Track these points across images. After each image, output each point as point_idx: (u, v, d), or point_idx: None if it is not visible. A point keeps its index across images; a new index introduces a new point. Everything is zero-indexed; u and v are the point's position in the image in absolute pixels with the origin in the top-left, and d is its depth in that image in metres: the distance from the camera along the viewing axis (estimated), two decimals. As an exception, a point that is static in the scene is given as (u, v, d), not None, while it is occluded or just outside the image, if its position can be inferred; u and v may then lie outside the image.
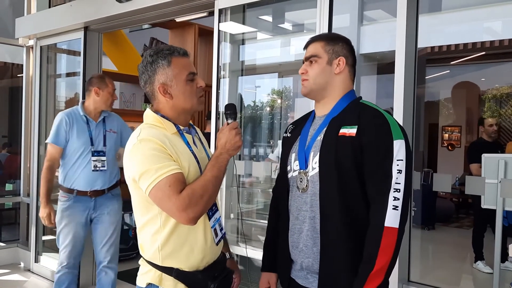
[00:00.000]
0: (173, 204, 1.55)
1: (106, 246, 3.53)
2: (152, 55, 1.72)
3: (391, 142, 1.57)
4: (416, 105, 2.59)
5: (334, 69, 1.74)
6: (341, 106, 1.73)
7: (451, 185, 2.58)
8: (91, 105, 3.46)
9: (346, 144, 1.61)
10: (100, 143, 3.47)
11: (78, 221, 3.41)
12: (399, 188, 1.55)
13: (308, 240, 1.69)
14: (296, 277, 1.79)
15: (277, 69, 5.53)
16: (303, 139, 1.78)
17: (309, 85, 1.74)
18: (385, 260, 1.52)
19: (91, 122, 3.46)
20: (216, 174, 1.64)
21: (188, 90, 1.72)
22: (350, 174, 1.60)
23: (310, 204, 1.69)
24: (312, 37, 1.82)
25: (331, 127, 1.68)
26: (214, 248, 1.77)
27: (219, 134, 1.71)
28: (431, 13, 5.21)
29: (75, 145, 3.38)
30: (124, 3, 3.83)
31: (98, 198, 3.44)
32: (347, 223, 1.60)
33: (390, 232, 1.52)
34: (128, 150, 1.66)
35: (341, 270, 1.62)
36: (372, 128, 1.60)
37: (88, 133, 3.43)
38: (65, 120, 3.39)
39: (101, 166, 3.44)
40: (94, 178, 3.41)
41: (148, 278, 1.69)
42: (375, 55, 4.68)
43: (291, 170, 1.79)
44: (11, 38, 5.31)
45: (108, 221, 3.51)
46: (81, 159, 3.39)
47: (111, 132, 3.54)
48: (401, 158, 1.56)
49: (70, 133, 3.38)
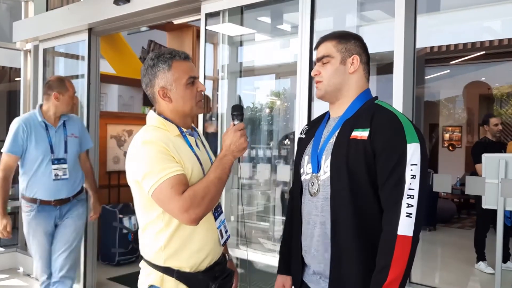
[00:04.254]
0: (175, 205, 1.55)
1: (66, 252, 3.30)
2: (153, 58, 1.74)
3: (405, 146, 1.49)
4: (416, 105, 2.58)
5: (348, 69, 1.67)
6: (356, 107, 1.67)
7: (451, 185, 2.56)
8: (50, 110, 3.26)
9: (357, 148, 1.55)
10: (61, 150, 3.28)
11: (45, 231, 3.25)
12: (413, 194, 1.47)
13: (319, 246, 1.66)
14: (309, 281, 1.76)
15: (275, 70, 5.52)
16: (317, 142, 1.73)
17: (324, 87, 1.68)
18: (399, 271, 1.44)
19: (51, 128, 3.26)
20: (219, 176, 1.64)
21: (187, 94, 1.73)
22: (362, 179, 1.54)
23: (321, 209, 1.65)
24: (323, 37, 1.75)
25: (344, 129, 1.63)
26: (217, 249, 1.79)
27: (224, 135, 1.70)
28: (430, 13, 5.20)
29: (34, 153, 3.19)
30: (122, 5, 3.82)
31: (63, 206, 3.28)
32: (359, 229, 1.54)
33: (403, 240, 1.45)
34: (132, 152, 1.66)
35: (352, 277, 1.56)
36: (384, 131, 1.53)
37: (48, 140, 3.23)
38: (23, 127, 3.17)
39: (63, 175, 3.25)
40: (57, 188, 3.23)
41: (150, 280, 1.69)
42: (374, 56, 4.66)
43: (304, 172, 1.75)
44: (8, 42, 5.31)
45: (71, 226, 3.33)
46: (42, 168, 3.20)
47: (72, 137, 3.35)
48: (415, 163, 1.48)
49: (28, 141, 3.17)
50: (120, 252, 5.23)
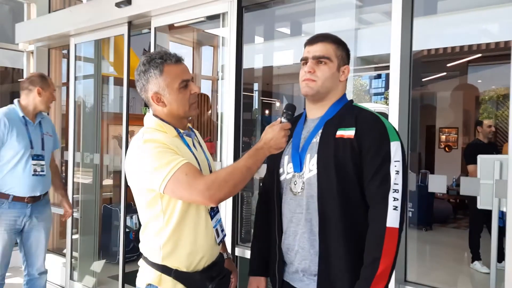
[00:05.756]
0: (194, 188, 1.56)
1: (42, 252, 3.43)
2: (145, 63, 1.74)
3: (389, 144, 1.61)
4: (413, 107, 2.62)
5: (340, 76, 1.74)
6: (335, 109, 1.73)
7: (446, 186, 2.61)
8: (30, 105, 3.27)
9: (345, 146, 1.62)
10: (39, 146, 3.30)
11: (11, 228, 3.23)
12: (397, 188, 1.57)
13: (304, 243, 1.68)
14: (290, 280, 1.77)
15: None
16: (297, 141, 1.76)
17: (317, 87, 1.69)
18: (389, 261, 1.53)
19: (30, 124, 3.27)
20: (249, 165, 1.63)
21: (180, 98, 1.74)
22: (349, 175, 1.61)
23: (306, 207, 1.68)
24: (323, 35, 1.75)
25: (327, 129, 1.69)
26: (214, 249, 1.80)
27: (268, 128, 1.68)
28: (427, 15, 5.25)
29: (16, 148, 3.17)
30: (123, 8, 3.87)
31: (34, 204, 3.28)
32: (347, 225, 1.60)
33: (391, 232, 1.54)
34: (133, 152, 1.68)
35: (341, 272, 1.61)
36: (370, 131, 1.62)
37: (28, 136, 3.24)
38: (4, 121, 3.14)
39: (41, 171, 3.28)
40: (35, 184, 3.25)
41: (148, 279, 1.71)
42: (372, 58, 4.71)
43: (284, 172, 1.78)
44: (11, 43, 5.34)
45: (42, 227, 3.38)
46: (21, 163, 3.19)
47: (47, 135, 3.39)
48: (398, 159, 1.60)
49: (9, 135, 3.15)
50: (120, 251, 5.27)
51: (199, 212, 1.73)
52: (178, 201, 1.67)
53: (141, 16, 3.80)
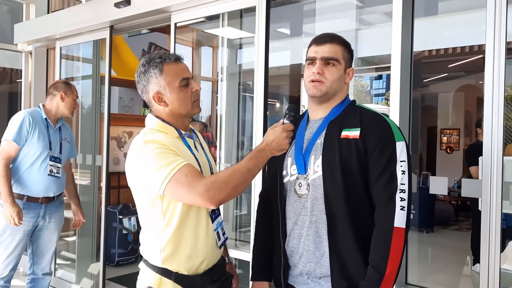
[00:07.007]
0: (194, 190, 1.55)
1: (50, 253, 3.45)
2: (144, 64, 1.74)
3: (394, 144, 1.60)
4: (414, 108, 2.61)
5: (345, 78, 1.73)
6: (339, 110, 1.72)
7: (447, 188, 2.59)
8: (53, 109, 3.38)
9: (350, 146, 1.61)
10: (57, 149, 3.38)
11: (26, 229, 3.24)
12: (404, 188, 1.57)
13: (309, 245, 1.67)
14: (294, 283, 1.75)
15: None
16: (300, 143, 1.74)
17: (325, 88, 1.68)
18: (397, 261, 1.53)
19: (50, 127, 3.36)
20: (251, 167, 1.61)
21: (181, 96, 1.73)
22: (355, 176, 1.60)
23: (311, 209, 1.66)
24: (331, 36, 1.74)
25: (331, 129, 1.67)
26: (215, 252, 1.78)
27: (270, 129, 1.66)
28: (428, 16, 5.23)
29: (35, 147, 3.23)
30: (122, 8, 3.85)
31: (48, 205, 3.33)
32: (354, 223, 1.60)
33: (399, 232, 1.54)
34: (134, 153, 1.67)
35: (354, 273, 1.60)
36: (376, 132, 1.61)
37: (48, 137, 3.32)
38: (29, 119, 3.23)
39: (56, 172, 3.34)
40: (49, 184, 3.29)
41: (148, 282, 1.69)
42: (373, 59, 4.70)
43: (287, 174, 1.75)
44: (9, 43, 5.33)
45: (53, 228, 3.41)
46: (38, 162, 3.25)
47: (65, 141, 3.48)
48: (404, 159, 1.59)
49: (32, 134, 3.23)
50: (119, 252, 5.25)
51: (200, 215, 1.71)
52: (179, 203, 1.65)
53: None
